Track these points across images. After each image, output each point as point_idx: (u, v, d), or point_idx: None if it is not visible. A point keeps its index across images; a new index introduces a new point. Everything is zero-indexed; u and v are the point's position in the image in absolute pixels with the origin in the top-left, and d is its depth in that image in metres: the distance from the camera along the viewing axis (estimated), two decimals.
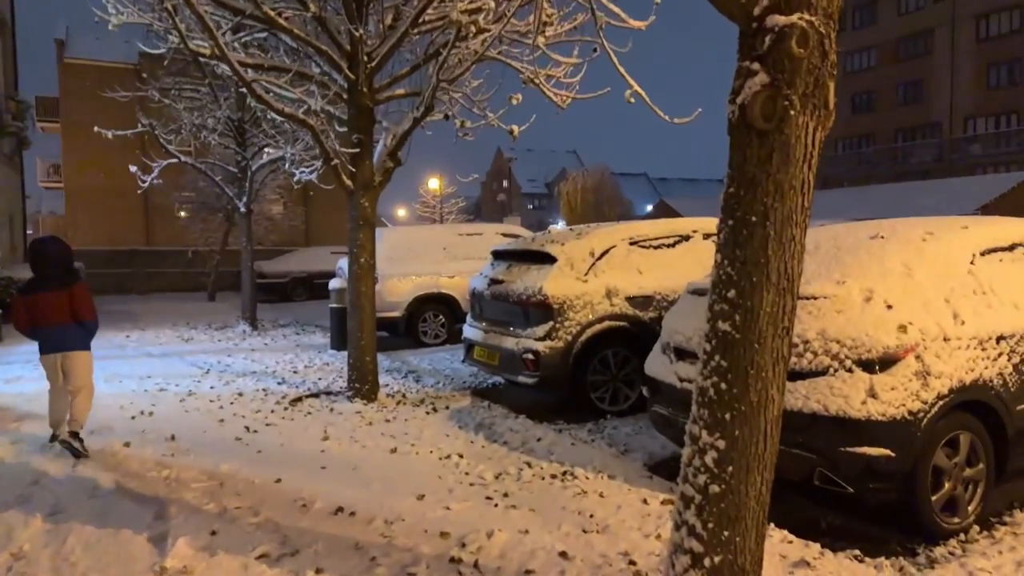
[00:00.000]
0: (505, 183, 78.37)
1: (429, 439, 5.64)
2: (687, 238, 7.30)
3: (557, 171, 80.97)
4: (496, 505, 4.17)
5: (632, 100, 4.37)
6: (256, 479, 4.62)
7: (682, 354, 4.73)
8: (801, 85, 2.39)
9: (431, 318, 11.57)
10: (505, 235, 12.08)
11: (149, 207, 32.47)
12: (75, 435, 5.28)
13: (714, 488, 2.57)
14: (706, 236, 7.38)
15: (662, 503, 4.19)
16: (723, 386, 2.55)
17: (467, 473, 4.79)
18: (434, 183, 40.71)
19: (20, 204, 20.99)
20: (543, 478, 4.70)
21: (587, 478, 4.67)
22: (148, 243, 31.07)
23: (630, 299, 6.80)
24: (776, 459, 2.63)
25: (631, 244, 7.07)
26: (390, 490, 4.41)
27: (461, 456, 5.17)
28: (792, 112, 2.39)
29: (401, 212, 49.43)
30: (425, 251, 11.74)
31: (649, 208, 54.30)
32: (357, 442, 5.54)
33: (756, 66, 2.43)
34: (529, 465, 4.95)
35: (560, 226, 42.41)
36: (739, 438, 2.54)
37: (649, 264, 7.02)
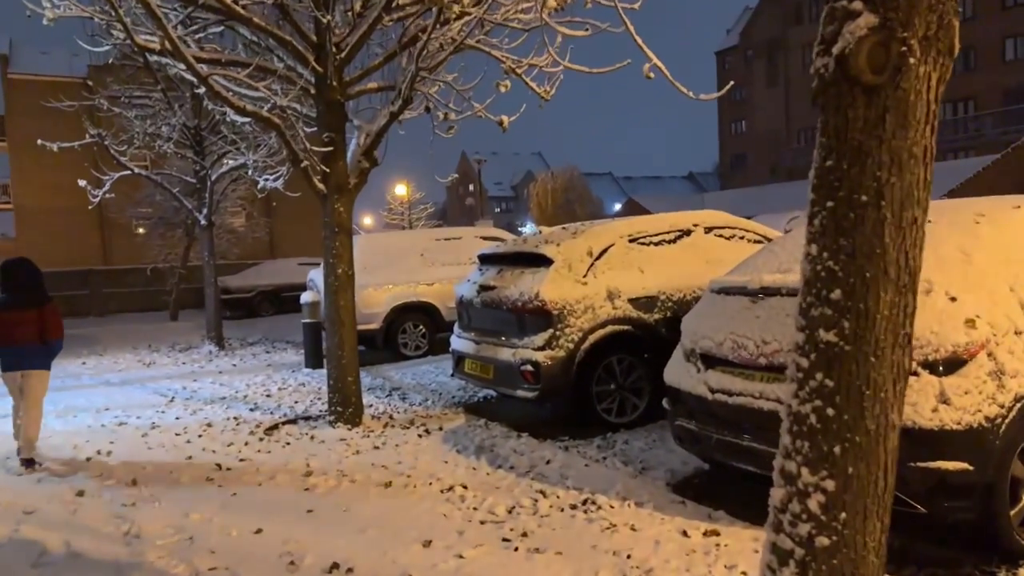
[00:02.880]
0: (472, 187, 77.76)
1: (426, 468, 5.05)
2: (688, 233, 6.82)
3: (523, 173, 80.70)
4: (516, 549, 3.60)
5: (652, 75, 3.86)
6: (233, 530, 3.98)
7: (712, 361, 4.21)
8: (921, 26, 1.88)
9: (411, 329, 10.94)
10: (485, 238, 11.52)
11: (105, 224, 31.25)
12: (29, 462, 5.44)
13: (822, 540, 2.03)
14: (707, 230, 6.91)
15: (705, 535, 3.66)
16: (829, 411, 2.02)
17: (475, 508, 4.21)
18: (401, 189, 39.92)
19: None
20: (562, 509, 4.14)
21: (612, 507, 4.13)
22: (105, 262, 29.90)
23: (633, 300, 6.28)
24: None
25: (630, 241, 6.56)
26: (390, 536, 3.82)
27: (465, 487, 4.59)
28: (911, 60, 1.88)
29: (367, 220, 48.48)
30: (401, 258, 11.10)
31: (617, 207, 54.20)
32: (345, 476, 4.92)
33: (858, 5, 1.90)
34: (544, 494, 4.38)
35: (530, 228, 41.94)
36: (853, 476, 2.01)
37: (650, 262, 6.51)
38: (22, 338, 5.37)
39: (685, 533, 3.69)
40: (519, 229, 44.67)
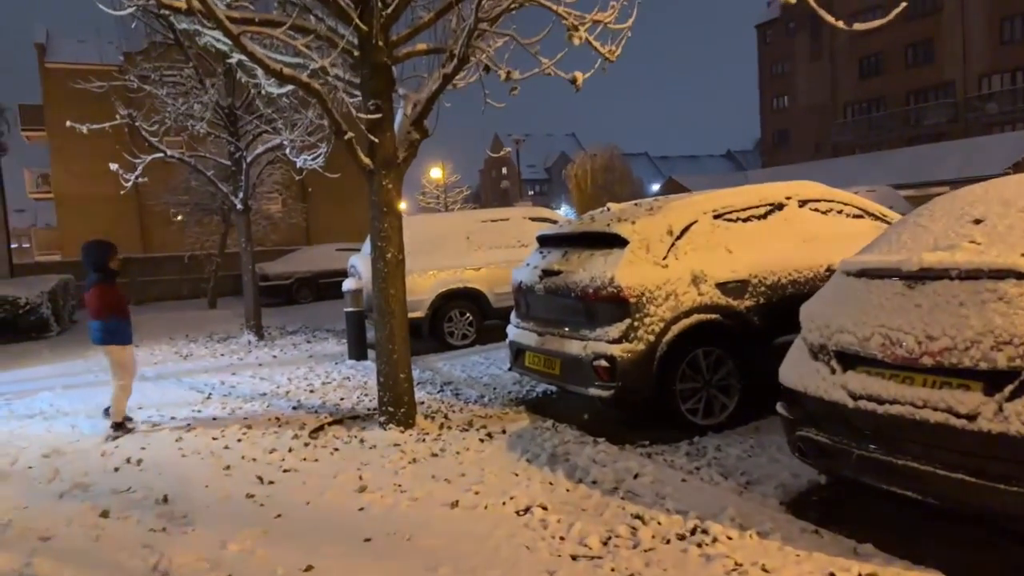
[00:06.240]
0: (505, 170, 77.00)
1: (495, 482, 4.37)
2: (780, 207, 6.01)
3: (556, 155, 79.54)
4: None
5: (793, 0, 3.08)
6: (278, 566, 3.35)
7: (852, 360, 3.43)
8: None
9: (457, 317, 10.29)
10: (535, 219, 10.80)
11: (143, 212, 31.21)
12: (117, 426, 6.11)
13: None
14: (801, 203, 6.10)
15: None
16: None
17: (562, 538, 3.52)
18: (436, 172, 39.28)
19: (1, 215, 19.54)
20: (668, 541, 3.43)
21: (729, 538, 3.40)
22: (144, 250, 29.87)
23: (721, 286, 5.51)
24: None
25: (715, 218, 5.78)
26: None
27: (545, 508, 3.90)
28: None
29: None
30: (446, 241, 10.43)
31: (656, 187, 52.98)
32: (404, 492, 4.27)
33: None
34: (642, 520, 3.67)
35: (565, 211, 41.06)
36: None
37: (739, 241, 5.73)
38: (92, 315, 6.08)
39: None
40: (556, 211, 43.78)
